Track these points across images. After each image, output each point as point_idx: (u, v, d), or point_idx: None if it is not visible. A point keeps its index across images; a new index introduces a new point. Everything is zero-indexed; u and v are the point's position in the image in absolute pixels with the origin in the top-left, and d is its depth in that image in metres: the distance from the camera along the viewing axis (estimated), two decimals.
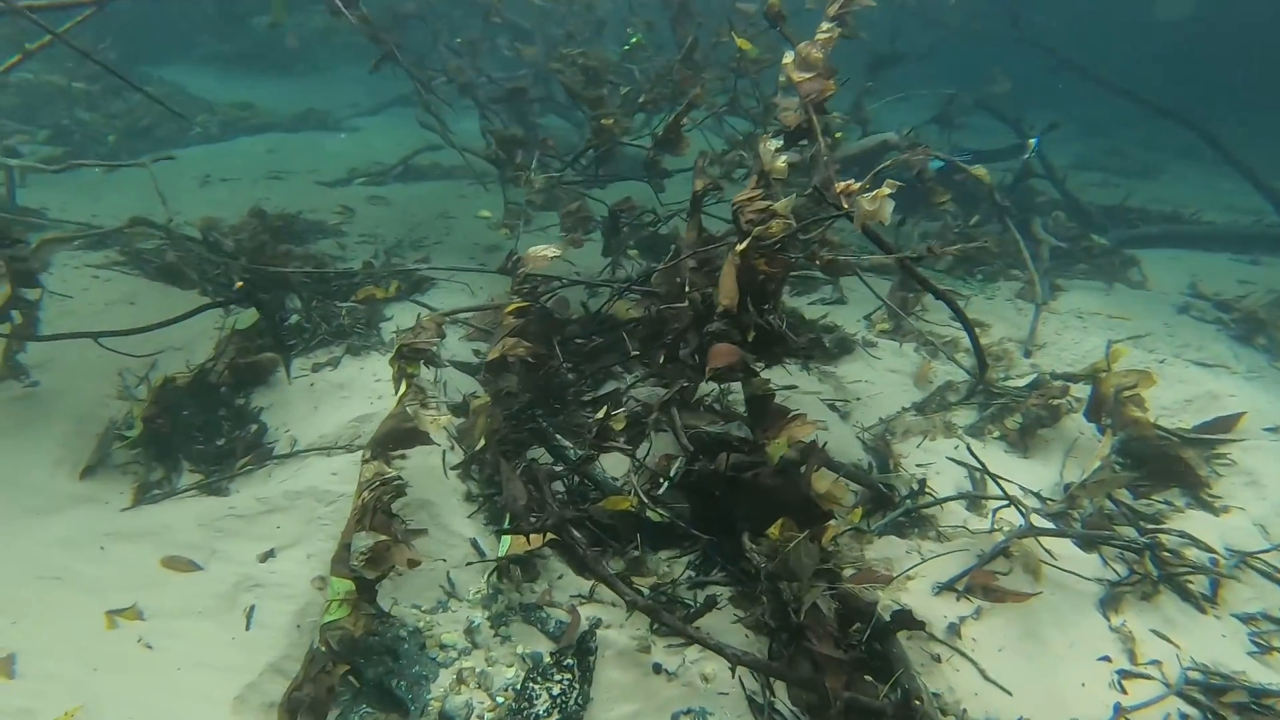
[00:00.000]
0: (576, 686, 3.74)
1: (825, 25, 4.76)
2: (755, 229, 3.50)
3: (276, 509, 4.73)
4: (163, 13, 13.86)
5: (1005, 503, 4.12)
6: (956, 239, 7.24)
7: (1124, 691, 3.70)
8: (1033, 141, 7.92)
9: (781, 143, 4.31)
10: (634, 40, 6.80)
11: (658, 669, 3.86)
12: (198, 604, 4.21)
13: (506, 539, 3.97)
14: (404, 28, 7.90)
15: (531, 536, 3.87)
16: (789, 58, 4.74)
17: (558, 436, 4.78)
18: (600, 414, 4.16)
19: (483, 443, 4.94)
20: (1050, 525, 4.16)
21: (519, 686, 3.79)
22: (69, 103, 10.76)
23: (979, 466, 4.53)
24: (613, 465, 4.93)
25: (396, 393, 4.46)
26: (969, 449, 4.64)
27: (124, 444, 5.16)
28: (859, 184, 3.80)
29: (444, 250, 8.22)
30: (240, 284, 4.65)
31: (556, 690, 3.72)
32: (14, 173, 7.42)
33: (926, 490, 4.40)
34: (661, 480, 4.17)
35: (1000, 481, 4.33)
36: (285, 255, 6.51)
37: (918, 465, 4.81)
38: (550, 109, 9.29)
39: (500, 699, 3.79)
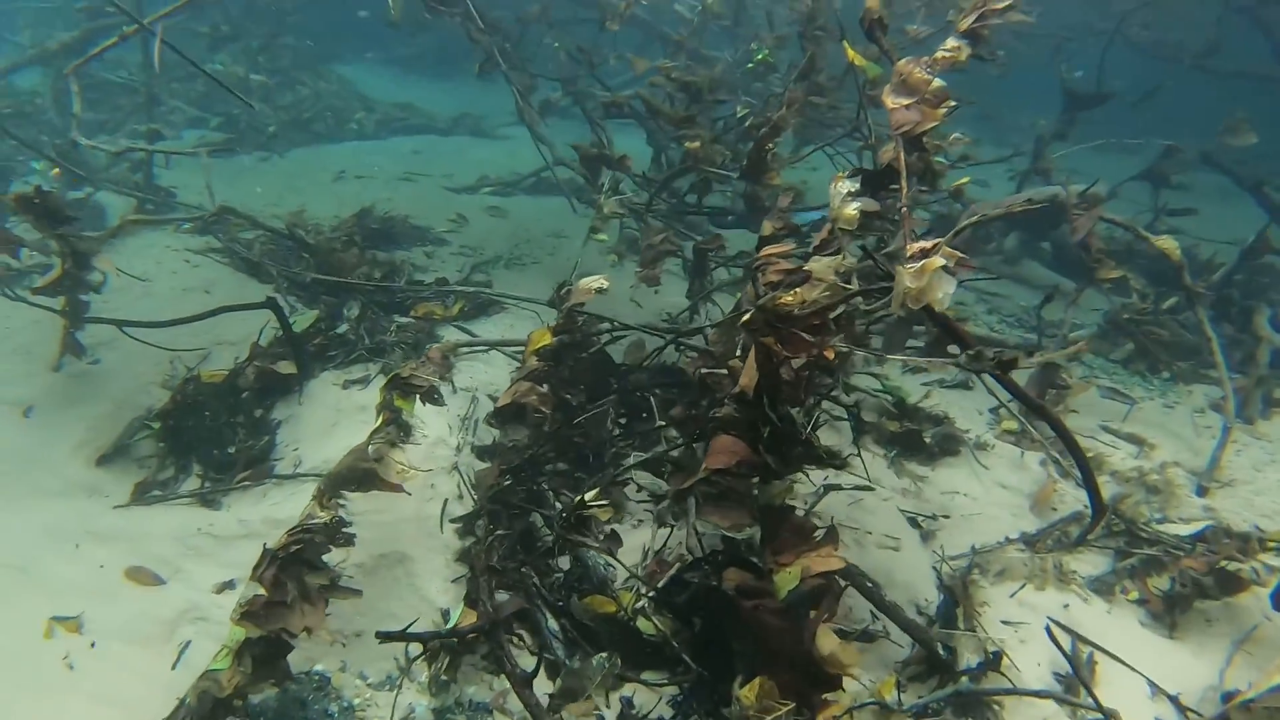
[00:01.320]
0: None
1: (952, 42, 3.85)
2: (765, 299, 2.71)
3: (253, 534, 4.45)
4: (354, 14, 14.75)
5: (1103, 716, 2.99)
6: (1138, 326, 5.86)
7: None
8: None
9: (856, 184, 3.46)
10: (759, 57, 6.10)
11: None
12: (139, 626, 3.97)
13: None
14: (524, 33, 7.68)
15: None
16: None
17: (557, 504, 4.14)
18: (590, 494, 3.48)
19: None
20: None
21: None
22: (245, 93, 11.59)
23: (1088, 644, 3.39)
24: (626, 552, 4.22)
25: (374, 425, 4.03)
26: (1051, 630, 3.47)
27: (145, 436, 5.13)
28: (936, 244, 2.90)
29: (541, 271, 7.86)
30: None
31: None
32: (154, 155, 7.88)
33: (1000, 667, 3.34)
34: (644, 591, 3.42)
35: (1110, 664, 3.18)
36: (359, 260, 6.36)
37: (1004, 623, 3.73)
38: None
39: None
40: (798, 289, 2.71)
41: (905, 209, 3.33)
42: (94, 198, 7.98)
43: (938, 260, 2.44)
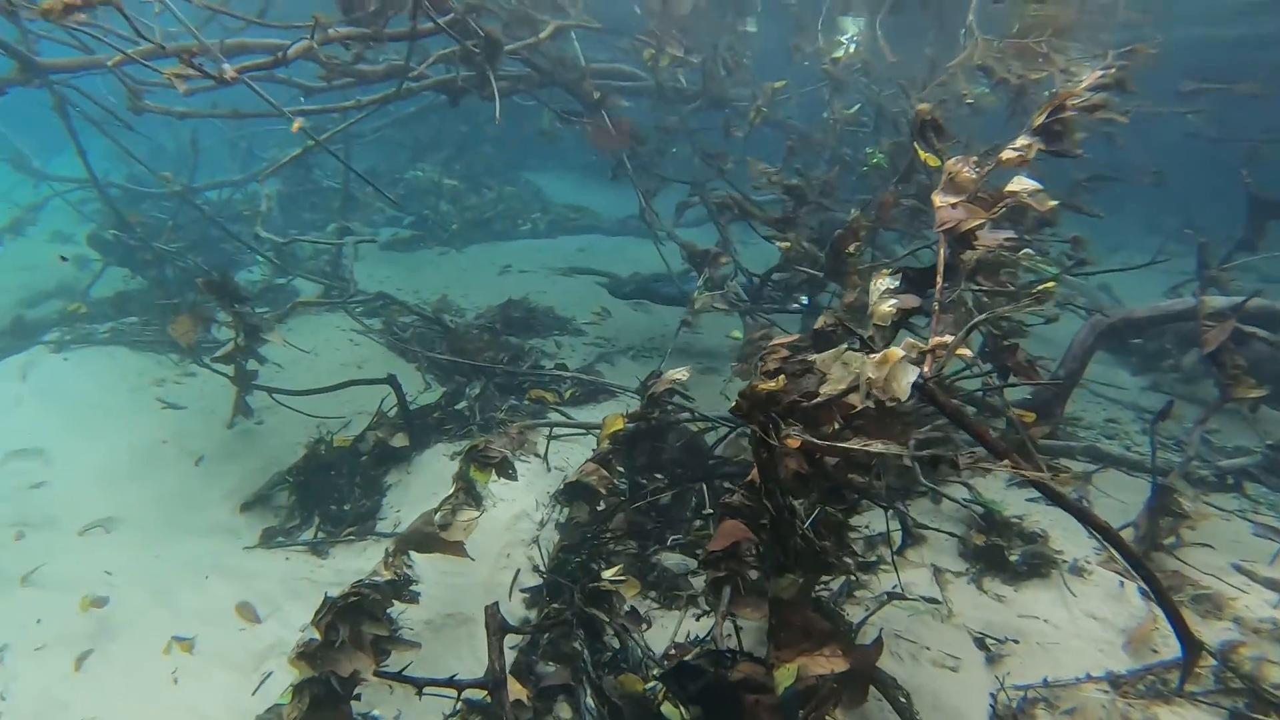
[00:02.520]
0: None
1: (1023, 140, 3.91)
2: (746, 385, 2.88)
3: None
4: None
5: None
6: None
7: None
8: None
9: (895, 281, 3.57)
10: (873, 160, 6.25)
11: None
12: (236, 654, 4.58)
13: None
14: (666, 140, 8.33)
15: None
16: (1015, 184, 3.97)
17: (604, 577, 4.34)
18: (609, 572, 3.69)
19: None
20: None
21: None
22: (437, 196, 13.26)
23: None
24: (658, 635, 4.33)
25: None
26: None
27: (282, 488, 5.94)
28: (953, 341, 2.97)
29: (667, 365, 8.24)
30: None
31: None
32: (343, 249, 9.24)
33: None
34: (652, 673, 3.53)
35: None
36: (488, 345, 7.06)
37: None
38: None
39: None
40: (781, 375, 2.85)
41: (936, 306, 3.39)
42: (292, 283, 9.45)
43: (897, 352, 2.51)
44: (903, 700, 3.53)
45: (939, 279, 3.42)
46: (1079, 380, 5.27)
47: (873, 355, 2.61)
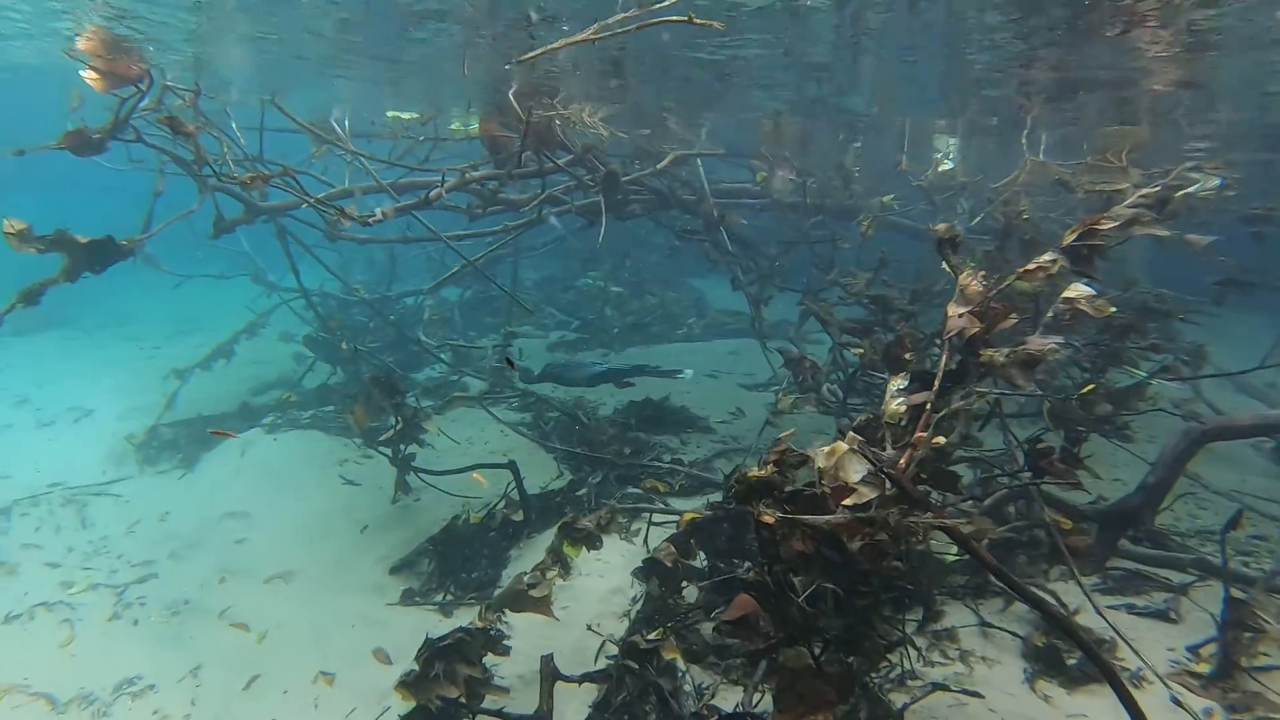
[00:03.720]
0: None
1: (1049, 256, 4.36)
2: (738, 472, 3.51)
3: None
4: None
5: None
6: None
7: None
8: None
9: (905, 382, 4.10)
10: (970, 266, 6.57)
11: None
12: (366, 690, 5.58)
13: None
14: (785, 252, 9.03)
15: None
16: (1071, 291, 4.43)
17: (659, 649, 4.94)
18: (652, 634, 4.33)
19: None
20: None
21: None
22: (604, 301, 14.67)
23: None
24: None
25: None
26: None
27: (424, 556, 7.03)
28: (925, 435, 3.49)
29: (750, 459, 8.74)
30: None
31: None
32: (487, 351, 10.64)
33: None
34: None
35: None
36: (613, 439, 7.96)
37: None
38: None
39: None
40: (771, 465, 3.45)
41: (928, 405, 3.87)
42: (463, 380, 10.95)
43: (842, 446, 3.06)
44: None
45: (936, 382, 3.90)
46: (1170, 488, 5.25)
47: (823, 448, 3.18)
